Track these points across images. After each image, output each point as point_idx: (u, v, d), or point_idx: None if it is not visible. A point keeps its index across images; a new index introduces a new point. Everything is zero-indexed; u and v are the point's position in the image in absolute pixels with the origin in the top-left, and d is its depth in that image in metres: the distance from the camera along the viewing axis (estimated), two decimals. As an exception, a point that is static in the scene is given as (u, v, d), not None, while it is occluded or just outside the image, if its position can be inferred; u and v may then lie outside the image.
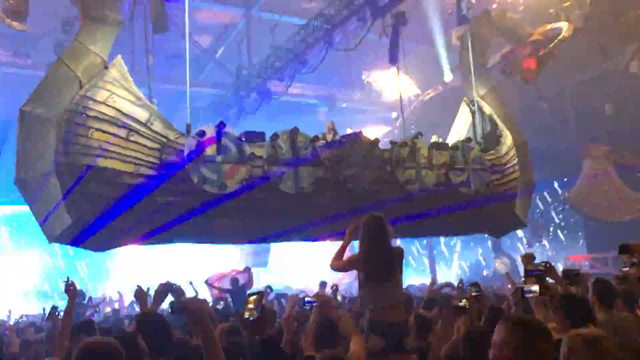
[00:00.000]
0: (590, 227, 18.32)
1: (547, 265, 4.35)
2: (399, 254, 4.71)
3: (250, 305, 2.52)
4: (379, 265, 4.55)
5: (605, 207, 16.06)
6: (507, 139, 10.17)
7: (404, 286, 5.10)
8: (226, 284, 12.08)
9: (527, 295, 3.68)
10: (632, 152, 16.23)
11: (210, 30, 17.63)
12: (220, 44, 18.30)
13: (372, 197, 8.55)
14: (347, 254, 4.90)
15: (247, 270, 13.15)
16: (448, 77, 18.33)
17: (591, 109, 16.30)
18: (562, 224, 22.21)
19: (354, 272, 4.82)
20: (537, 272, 3.85)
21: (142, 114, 7.51)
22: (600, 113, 16.04)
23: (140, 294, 4.58)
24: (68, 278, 4.48)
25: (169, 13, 8.80)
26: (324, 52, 13.34)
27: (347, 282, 15.41)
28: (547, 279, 4.11)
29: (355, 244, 4.89)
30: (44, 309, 9.90)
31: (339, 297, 9.27)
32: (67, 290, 4.40)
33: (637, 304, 4.69)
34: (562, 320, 3.65)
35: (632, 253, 4.83)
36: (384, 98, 20.14)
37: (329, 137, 9.12)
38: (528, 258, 5.31)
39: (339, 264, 4.83)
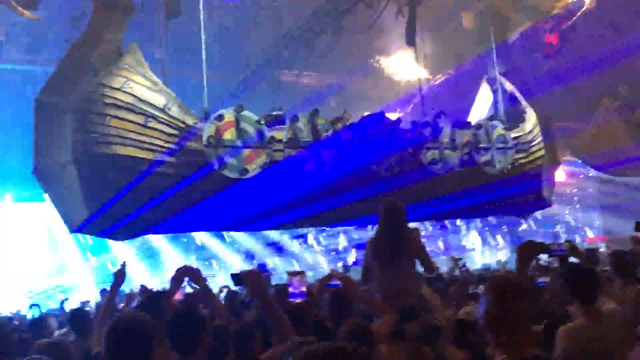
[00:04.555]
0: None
1: (570, 244, 4.23)
2: (412, 240, 4.57)
3: None
4: (386, 251, 4.50)
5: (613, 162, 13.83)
6: (531, 115, 9.90)
7: None
8: None
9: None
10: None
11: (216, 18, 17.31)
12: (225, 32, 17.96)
13: (395, 180, 8.34)
14: None
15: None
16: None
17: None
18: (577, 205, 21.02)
19: None
20: (560, 251, 3.79)
21: (159, 100, 7.34)
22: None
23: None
24: (124, 262, 4.03)
25: None
26: (334, 40, 13.05)
27: None
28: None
29: None
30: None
31: None
32: (117, 275, 3.89)
33: None
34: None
35: None
36: (397, 83, 19.82)
37: (348, 121, 8.87)
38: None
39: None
